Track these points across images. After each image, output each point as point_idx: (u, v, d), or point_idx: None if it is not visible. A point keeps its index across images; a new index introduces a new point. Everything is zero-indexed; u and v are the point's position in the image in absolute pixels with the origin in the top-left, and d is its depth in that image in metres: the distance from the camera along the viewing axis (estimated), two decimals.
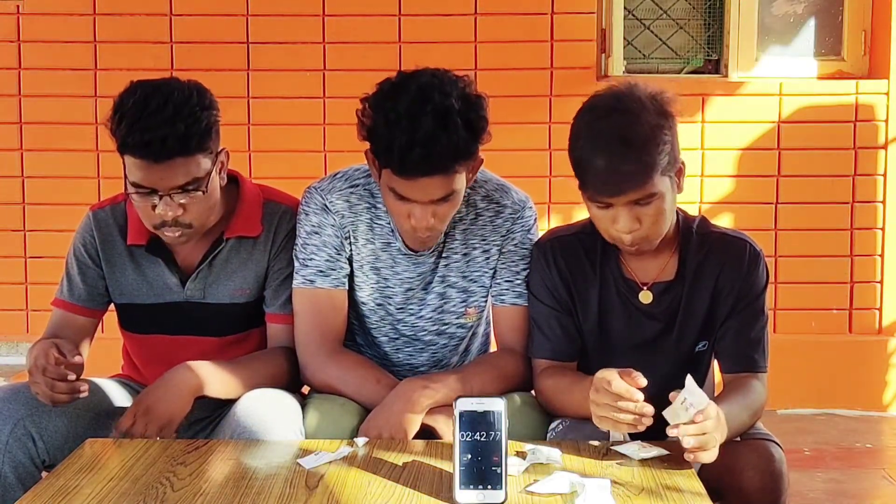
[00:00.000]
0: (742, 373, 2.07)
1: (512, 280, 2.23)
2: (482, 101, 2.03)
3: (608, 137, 1.91)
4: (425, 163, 1.94)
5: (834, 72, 4.40)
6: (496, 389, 2.09)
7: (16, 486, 1.99)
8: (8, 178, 4.27)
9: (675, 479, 1.72)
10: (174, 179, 2.04)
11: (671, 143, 1.95)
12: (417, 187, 1.99)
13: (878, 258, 4.31)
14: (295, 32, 4.24)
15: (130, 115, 2.01)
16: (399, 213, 2.06)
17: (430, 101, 1.94)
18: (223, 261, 2.24)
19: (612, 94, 1.99)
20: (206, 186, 2.08)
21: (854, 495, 3.37)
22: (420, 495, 1.67)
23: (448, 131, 1.93)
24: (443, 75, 2.02)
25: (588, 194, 1.98)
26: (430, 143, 1.92)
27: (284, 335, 2.25)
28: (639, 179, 1.91)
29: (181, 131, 2.00)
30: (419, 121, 1.92)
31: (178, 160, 2.02)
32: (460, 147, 1.97)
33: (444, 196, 2.02)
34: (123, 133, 2.01)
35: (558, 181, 4.20)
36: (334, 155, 4.20)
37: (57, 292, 2.29)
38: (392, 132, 1.94)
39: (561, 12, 4.24)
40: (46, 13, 4.25)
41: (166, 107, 2.00)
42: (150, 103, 2.01)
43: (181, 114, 2.01)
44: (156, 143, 1.99)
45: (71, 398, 1.98)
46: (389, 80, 2.03)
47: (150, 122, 1.99)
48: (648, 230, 1.97)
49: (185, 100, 2.03)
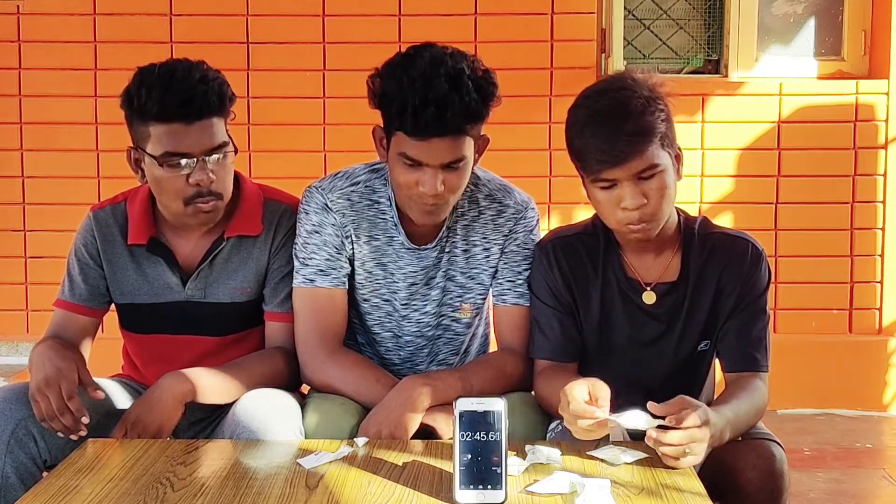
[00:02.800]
0: (744, 372, 2.06)
1: (513, 280, 2.23)
2: (491, 73, 2.10)
3: (604, 112, 1.96)
4: (438, 122, 1.98)
5: (834, 72, 4.40)
6: (496, 389, 2.10)
7: (17, 486, 1.99)
8: (8, 178, 4.27)
9: (675, 479, 1.72)
10: (209, 140, 2.10)
11: (667, 116, 1.98)
12: (429, 149, 2.01)
13: (878, 258, 4.31)
14: (295, 32, 4.24)
15: (161, 81, 2.08)
16: (408, 182, 2.07)
17: (443, 64, 2.01)
18: (224, 260, 2.24)
19: (601, 81, 2.07)
20: (234, 149, 2.15)
21: (854, 495, 3.38)
22: (420, 495, 1.67)
23: (460, 93, 1.99)
24: (453, 48, 2.09)
25: (591, 175, 1.98)
26: (443, 102, 1.97)
27: (282, 334, 2.25)
28: (639, 143, 1.93)
29: (215, 90, 2.10)
30: (432, 83, 1.98)
31: (213, 119, 2.10)
32: (472, 108, 2.01)
33: (454, 160, 2.04)
34: (157, 99, 2.06)
35: (558, 181, 4.20)
36: (334, 155, 4.20)
37: (59, 293, 2.30)
38: (405, 94, 1.99)
39: (561, 12, 4.24)
40: (46, 13, 4.25)
41: (192, 72, 2.10)
42: (175, 71, 2.09)
43: (207, 77, 2.10)
44: (195, 101, 2.07)
45: (67, 433, 1.97)
46: (400, 52, 2.08)
47: (183, 84, 2.07)
48: (655, 206, 1.97)
49: (206, 68, 2.13)
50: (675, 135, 2.03)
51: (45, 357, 2.07)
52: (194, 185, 2.10)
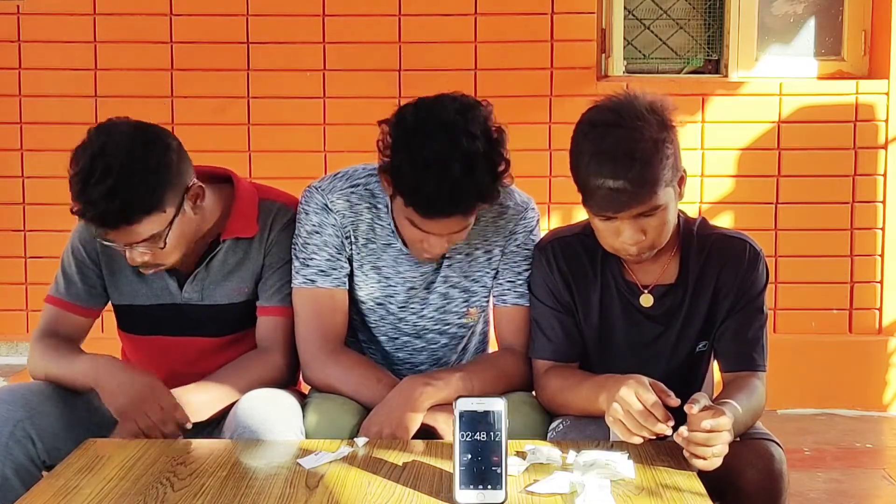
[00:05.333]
0: (742, 372, 2.06)
1: (514, 280, 2.23)
2: (503, 137, 2.04)
3: (611, 155, 1.89)
4: (450, 206, 1.99)
5: (834, 72, 4.40)
6: (497, 389, 2.09)
7: (17, 486, 1.98)
8: (8, 178, 4.27)
9: (675, 479, 1.72)
10: (128, 238, 2.05)
11: (674, 155, 1.94)
12: (437, 225, 2.03)
13: (878, 258, 4.31)
14: (295, 32, 4.24)
15: (75, 184, 2.02)
16: (413, 238, 2.10)
17: (458, 146, 1.95)
18: (220, 262, 2.24)
19: (612, 108, 1.96)
20: (164, 241, 2.07)
21: (854, 495, 3.37)
22: (420, 495, 1.67)
23: (474, 178, 1.97)
24: (467, 111, 2.01)
25: (592, 210, 1.98)
26: (456, 189, 1.96)
27: (270, 328, 2.24)
28: (643, 196, 1.90)
29: (119, 205, 1.99)
30: (447, 168, 1.94)
31: (124, 228, 2.03)
32: (485, 192, 2.01)
33: (462, 229, 2.07)
34: (72, 199, 2.03)
35: (558, 181, 4.20)
36: (334, 155, 4.19)
37: (51, 290, 2.27)
38: (419, 178, 1.96)
39: (561, 12, 4.24)
40: (46, 13, 4.25)
41: (107, 178, 1.98)
42: (94, 171, 1.99)
43: (121, 185, 1.98)
44: (97, 218, 2.01)
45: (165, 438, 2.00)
46: (412, 113, 2.02)
47: (91, 194, 1.99)
48: (653, 240, 1.98)
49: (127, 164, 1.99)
50: (681, 160, 1.99)
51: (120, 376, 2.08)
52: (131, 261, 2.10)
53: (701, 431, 1.70)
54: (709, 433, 1.70)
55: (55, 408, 2.09)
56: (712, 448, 1.71)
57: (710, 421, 1.70)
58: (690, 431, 1.71)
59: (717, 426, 1.70)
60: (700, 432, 1.70)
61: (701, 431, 1.70)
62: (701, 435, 1.70)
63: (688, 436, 1.71)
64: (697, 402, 1.74)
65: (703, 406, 1.74)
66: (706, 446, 1.71)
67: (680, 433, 1.72)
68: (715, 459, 1.72)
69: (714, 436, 1.70)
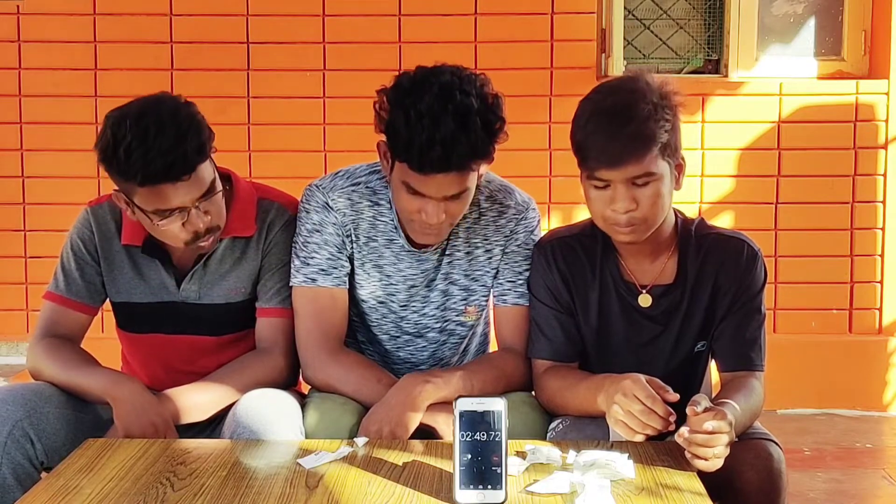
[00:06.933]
0: (740, 372, 2.07)
1: (514, 280, 2.23)
2: (500, 101, 2.06)
3: (610, 111, 1.95)
4: (443, 161, 1.97)
5: (834, 72, 4.40)
6: (497, 389, 2.10)
7: (15, 487, 1.98)
8: (8, 178, 4.27)
9: (675, 479, 1.72)
10: (198, 191, 2.05)
11: (672, 127, 1.97)
12: (433, 183, 2.01)
13: (878, 258, 4.31)
14: (295, 32, 4.24)
15: (137, 145, 1.99)
16: (410, 208, 2.07)
17: (452, 100, 1.97)
18: (218, 261, 2.24)
19: (616, 79, 2.07)
20: (219, 184, 2.11)
21: (854, 495, 3.37)
22: (420, 495, 1.67)
23: (467, 132, 1.96)
24: (462, 74, 2.05)
25: (587, 171, 1.99)
26: (449, 142, 1.95)
27: (269, 329, 2.24)
28: (638, 149, 1.92)
29: (193, 145, 2.02)
30: (440, 120, 1.95)
31: (198, 169, 2.04)
32: (478, 148, 2.00)
33: (458, 193, 2.04)
34: (139, 166, 1.99)
35: (558, 181, 4.21)
36: (334, 155, 4.20)
37: (50, 286, 2.26)
38: (412, 130, 1.96)
39: (561, 12, 4.24)
40: (46, 13, 4.25)
41: (167, 129, 2.00)
42: (148, 131, 1.99)
43: (182, 129, 2.01)
44: (178, 164, 2.00)
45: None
46: (409, 75, 2.05)
47: (162, 145, 1.98)
48: (645, 212, 1.97)
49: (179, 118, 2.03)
50: (681, 145, 2.02)
51: (140, 399, 2.06)
52: (191, 231, 2.09)
53: (703, 433, 1.70)
54: (710, 434, 1.70)
55: (55, 408, 2.08)
56: (714, 449, 1.71)
57: (712, 422, 1.70)
58: (692, 432, 1.71)
59: (719, 427, 1.71)
60: (702, 433, 1.71)
61: (703, 433, 1.70)
62: (702, 436, 1.71)
63: (689, 437, 1.71)
64: (699, 403, 1.74)
65: (705, 407, 1.74)
66: (707, 447, 1.71)
67: (681, 434, 1.72)
68: (716, 460, 1.72)
69: (715, 437, 1.71)
